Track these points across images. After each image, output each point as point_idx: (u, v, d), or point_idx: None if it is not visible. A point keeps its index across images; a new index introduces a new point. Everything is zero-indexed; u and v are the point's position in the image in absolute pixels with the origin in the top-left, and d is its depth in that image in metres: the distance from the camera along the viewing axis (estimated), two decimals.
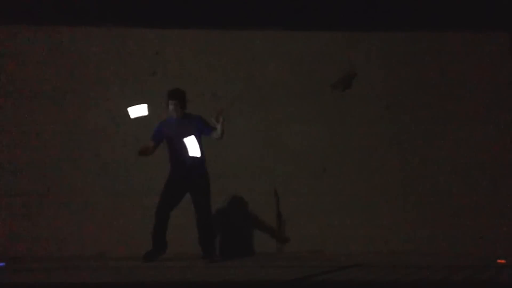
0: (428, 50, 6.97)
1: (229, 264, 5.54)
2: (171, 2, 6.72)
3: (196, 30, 6.87)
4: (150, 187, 6.39)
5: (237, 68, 6.89)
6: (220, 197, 6.43)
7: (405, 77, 6.93)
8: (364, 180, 6.74)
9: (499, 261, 5.67)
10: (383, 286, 4.01)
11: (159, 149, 5.91)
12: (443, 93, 6.90)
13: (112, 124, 6.66)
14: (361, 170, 6.76)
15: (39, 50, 6.71)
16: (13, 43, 6.69)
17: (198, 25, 6.80)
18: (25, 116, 6.60)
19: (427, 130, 6.84)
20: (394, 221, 6.65)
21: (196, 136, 5.59)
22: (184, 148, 5.57)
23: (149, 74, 6.81)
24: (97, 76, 6.74)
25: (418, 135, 6.84)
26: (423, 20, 6.75)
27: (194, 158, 5.60)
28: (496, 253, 6.13)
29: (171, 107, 5.78)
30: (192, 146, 5.54)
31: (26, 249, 6.35)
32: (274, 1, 6.73)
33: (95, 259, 6.11)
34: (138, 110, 5.68)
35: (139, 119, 6.65)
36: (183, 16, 6.73)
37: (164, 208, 5.71)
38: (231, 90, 6.80)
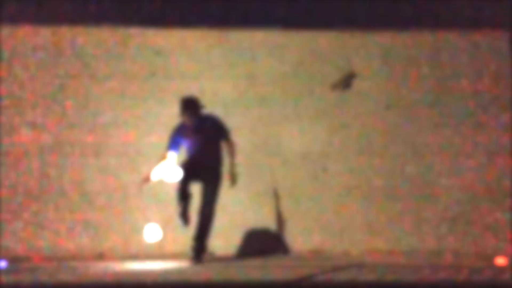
0: (428, 50, 6.97)
1: (229, 264, 5.54)
2: (171, 2, 6.71)
3: (196, 30, 6.87)
4: (151, 187, 6.39)
5: (237, 68, 6.88)
6: (220, 197, 6.41)
7: (405, 77, 6.92)
8: (364, 180, 6.73)
9: (499, 261, 5.67)
10: (383, 286, 4.00)
11: (158, 147, 5.92)
12: (443, 93, 6.89)
13: (112, 124, 6.66)
14: (361, 170, 6.75)
15: (39, 50, 6.70)
16: (13, 43, 6.69)
17: (198, 25, 6.79)
18: (25, 116, 6.60)
19: (427, 130, 6.83)
20: (394, 221, 6.64)
21: (214, 137, 5.78)
22: (201, 150, 5.68)
23: (149, 74, 6.81)
24: (97, 76, 6.74)
25: (418, 135, 6.83)
26: (423, 20, 6.74)
27: (212, 158, 5.77)
28: (496, 253, 6.13)
29: (183, 118, 5.78)
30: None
31: (26, 249, 6.35)
32: (274, 1, 6.73)
33: (95, 259, 6.10)
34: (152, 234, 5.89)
35: (135, 121, 6.68)
36: (183, 16, 6.72)
37: (183, 187, 5.70)
38: (231, 90, 6.80)
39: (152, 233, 5.87)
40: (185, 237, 6.01)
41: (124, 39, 6.82)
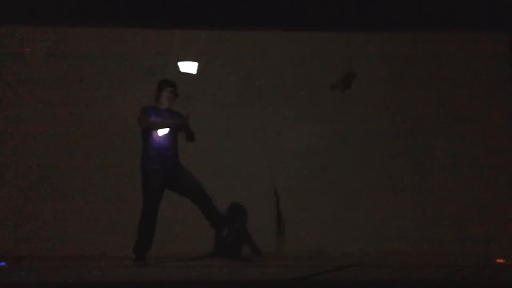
0: (428, 50, 6.97)
1: (229, 264, 5.54)
2: (171, 2, 6.72)
3: (196, 30, 6.87)
4: None
5: (237, 68, 6.89)
6: (220, 197, 6.42)
7: (405, 77, 6.93)
8: (363, 180, 6.74)
9: (499, 261, 5.68)
10: (383, 286, 4.01)
11: None
12: (443, 93, 6.90)
13: (112, 124, 6.67)
14: (361, 170, 6.76)
15: (39, 50, 6.71)
16: (13, 43, 6.69)
17: (198, 25, 6.80)
18: (25, 116, 6.61)
19: (427, 130, 6.84)
20: (394, 221, 6.64)
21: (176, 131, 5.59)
22: (167, 139, 5.53)
23: (149, 74, 6.81)
24: (97, 77, 6.74)
25: (418, 135, 6.84)
26: (423, 20, 6.75)
27: (172, 149, 5.57)
28: (496, 253, 6.14)
29: (166, 94, 5.68)
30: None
31: (26, 249, 6.35)
32: (274, 1, 6.73)
33: (95, 259, 6.11)
34: (188, 67, 5.54)
35: (136, 121, 6.67)
36: (183, 16, 6.73)
37: (155, 206, 5.56)
38: (231, 90, 6.81)
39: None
40: (185, 237, 6.02)
41: (124, 39, 6.83)
